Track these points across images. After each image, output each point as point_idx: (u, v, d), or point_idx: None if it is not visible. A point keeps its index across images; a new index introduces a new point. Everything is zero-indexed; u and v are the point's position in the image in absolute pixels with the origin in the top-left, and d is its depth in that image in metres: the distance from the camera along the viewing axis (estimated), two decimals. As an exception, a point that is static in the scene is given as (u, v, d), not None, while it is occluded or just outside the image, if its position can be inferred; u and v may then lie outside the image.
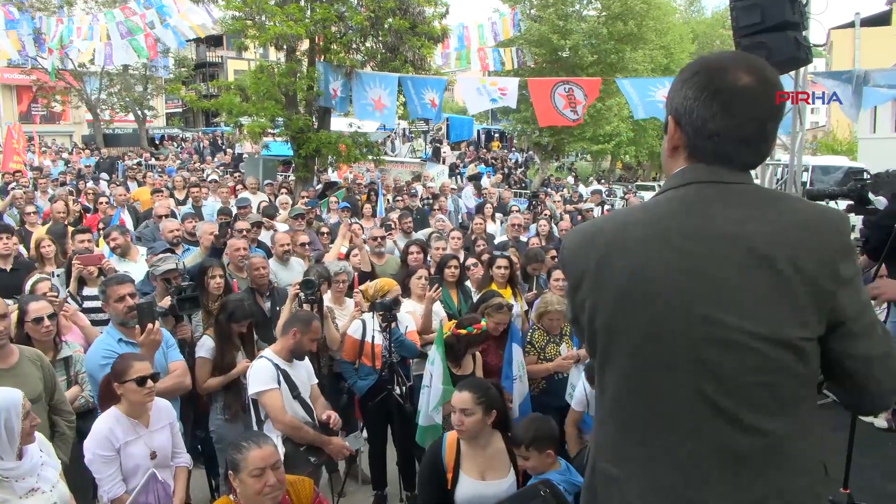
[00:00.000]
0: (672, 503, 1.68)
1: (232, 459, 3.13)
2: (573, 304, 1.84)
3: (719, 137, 1.69)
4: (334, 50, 15.37)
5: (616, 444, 1.79)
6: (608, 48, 26.96)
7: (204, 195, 11.63)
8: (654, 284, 1.66)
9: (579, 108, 12.38)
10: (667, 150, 1.83)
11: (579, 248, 1.81)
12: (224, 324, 5.13)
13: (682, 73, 1.78)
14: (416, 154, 30.17)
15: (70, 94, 34.21)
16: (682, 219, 1.69)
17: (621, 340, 1.73)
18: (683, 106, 1.73)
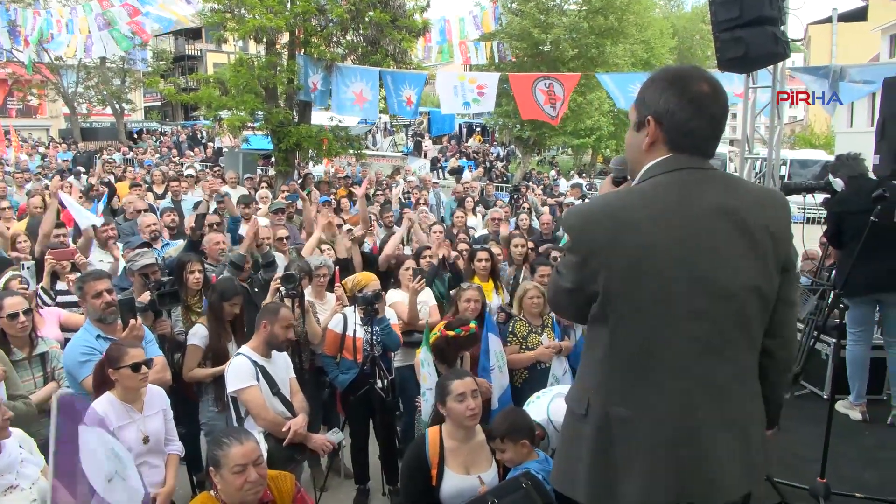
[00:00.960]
0: (673, 430, 2.11)
1: (213, 455, 3.12)
2: (581, 274, 2.17)
3: (695, 134, 2.17)
4: (314, 43, 15.28)
5: (625, 389, 2.16)
6: (589, 42, 27.02)
7: (183, 189, 11.53)
8: (661, 256, 2.07)
9: (558, 104, 12.41)
10: (644, 145, 2.23)
11: (588, 225, 2.15)
12: (217, 304, 5.16)
13: (657, 83, 2.21)
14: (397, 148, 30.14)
15: (46, 88, 33.76)
16: (678, 198, 2.11)
17: (633, 303, 2.10)
18: (665, 109, 2.17)
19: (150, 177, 14.01)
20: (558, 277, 2.28)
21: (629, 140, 2.33)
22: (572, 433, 2.33)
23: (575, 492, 2.26)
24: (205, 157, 26.59)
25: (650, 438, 2.12)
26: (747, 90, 7.74)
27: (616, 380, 2.18)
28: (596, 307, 2.17)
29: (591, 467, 2.20)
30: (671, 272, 2.07)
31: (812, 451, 4.94)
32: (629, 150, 2.34)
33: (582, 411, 2.25)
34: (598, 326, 2.20)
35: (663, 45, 32.26)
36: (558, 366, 5.62)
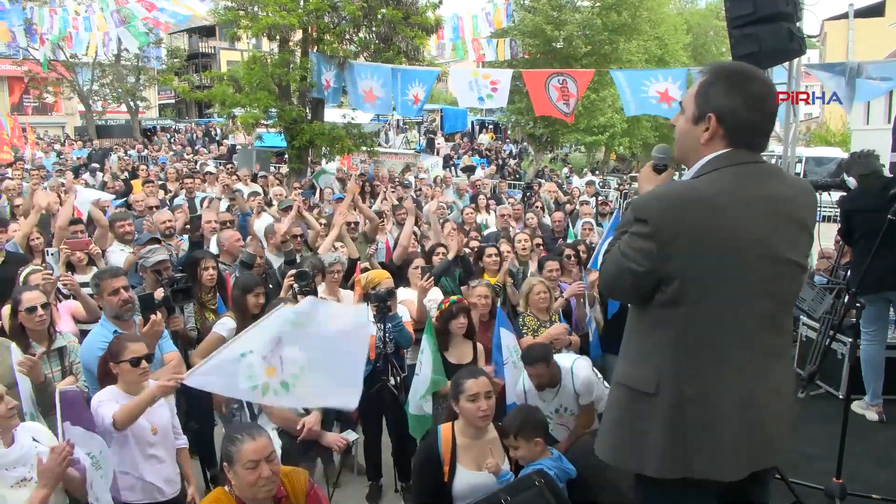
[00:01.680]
0: (741, 401, 2.31)
1: (226, 451, 3.13)
2: (658, 258, 2.29)
3: (753, 131, 2.39)
4: (327, 40, 15.31)
5: (701, 367, 2.32)
6: (602, 39, 26.92)
7: (197, 186, 11.59)
8: (745, 238, 2.28)
9: (572, 101, 12.34)
10: (703, 139, 2.41)
11: (675, 210, 2.29)
12: (240, 298, 5.19)
13: (721, 81, 2.39)
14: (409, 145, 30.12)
15: (62, 86, 33.99)
16: (751, 188, 2.32)
17: (716, 283, 2.28)
18: (727, 107, 2.35)
19: (164, 174, 14.09)
20: (625, 261, 2.37)
21: (684, 130, 2.49)
22: (634, 410, 2.42)
23: (641, 465, 2.39)
24: (218, 154, 26.69)
25: (724, 413, 2.30)
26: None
27: (692, 358, 2.32)
28: (671, 289, 2.30)
29: (664, 442, 2.33)
30: (753, 253, 2.29)
31: (827, 452, 4.91)
32: (682, 140, 2.50)
33: (650, 389, 2.36)
34: (671, 307, 2.32)
35: (677, 41, 32.05)
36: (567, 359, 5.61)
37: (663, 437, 2.33)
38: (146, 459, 3.87)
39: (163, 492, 3.93)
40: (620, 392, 2.50)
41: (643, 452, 2.37)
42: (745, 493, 2.46)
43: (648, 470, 2.36)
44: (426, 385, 4.99)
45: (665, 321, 2.35)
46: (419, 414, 5.05)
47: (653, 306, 2.37)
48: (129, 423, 3.67)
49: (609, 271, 2.48)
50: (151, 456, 3.90)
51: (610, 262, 2.49)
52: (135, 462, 3.84)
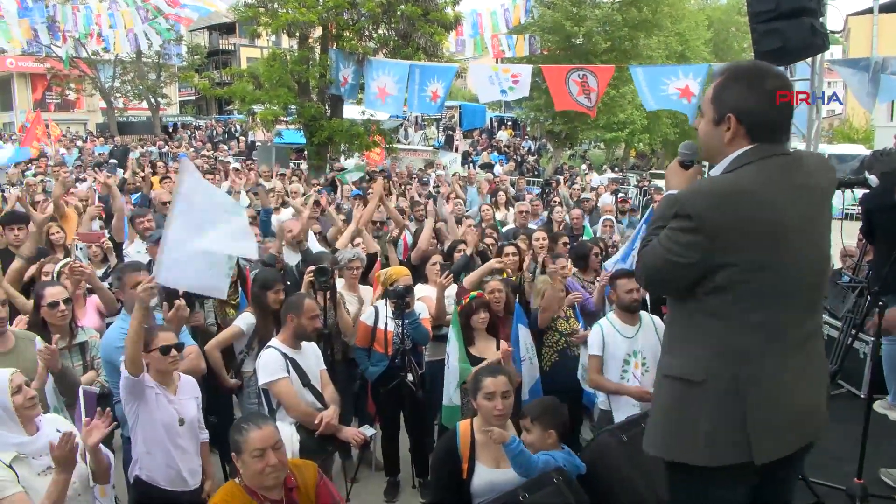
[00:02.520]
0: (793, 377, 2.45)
1: (234, 441, 3.19)
2: (705, 250, 2.37)
3: (773, 125, 2.49)
4: (346, 37, 15.35)
5: (753, 352, 2.41)
6: (622, 35, 26.74)
7: (217, 182, 11.64)
8: (792, 228, 2.40)
9: (593, 95, 12.24)
10: (726, 139, 2.51)
11: (715, 204, 2.37)
12: (260, 295, 5.24)
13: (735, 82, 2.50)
14: (428, 142, 30.14)
15: (84, 83, 34.33)
16: (784, 178, 2.43)
17: (766, 273, 2.38)
18: (745, 105, 2.46)
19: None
20: (669, 255, 2.44)
21: (706, 132, 2.59)
22: (685, 400, 2.49)
23: (693, 455, 2.44)
24: (238, 151, 26.84)
25: (779, 394, 2.42)
26: (784, 83, 7.60)
27: (742, 343, 2.42)
28: (719, 277, 2.39)
29: (719, 429, 2.41)
30: (799, 242, 2.42)
31: (849, 452, 4.86)
32: (707, 141, 2.61)
33: (700, 377, 2.44)
34: (717, 295, 2.41)
35: (698, 37, 31.77)
36: (587, 355, 5.60)
37: (717, 425, 2.41)
38: (174, 448, 3.96)
39: (186, 482, 4.01)
40: (668, 385, 2.56)
41: (695, 442, 2.43)
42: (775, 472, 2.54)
43: (700, 459, 2.43)
44: (456, 375, 5.04)
45: (711, 309, 2.44)
46: (450, 405, 5.14)
47: (698, 296, 2.45)
48: (137, 360, 3.79)
49: (652, 266, 2.54)
50: (179, 446, 3.99)
51: (650, 257, 2.54)
52: (164, 447, 3.93)
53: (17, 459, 3.17)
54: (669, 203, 2.51)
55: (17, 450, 3.19)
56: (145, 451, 3.95)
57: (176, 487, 3.97)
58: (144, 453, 3.95)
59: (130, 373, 3.79)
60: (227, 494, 3.18)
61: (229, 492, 3.20)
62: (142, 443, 3.96)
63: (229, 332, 5.27)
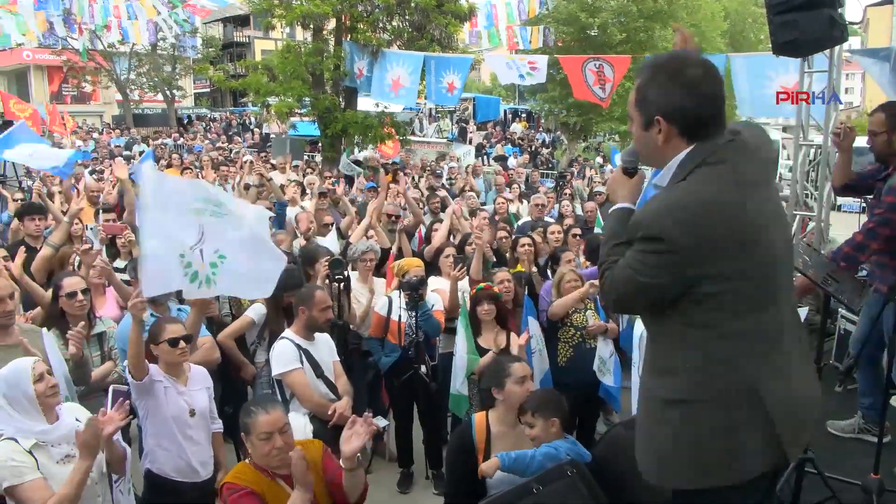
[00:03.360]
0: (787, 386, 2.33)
1: (243, 423, 3.26)
2: (681, 268, 2.24)
3: (706, 118, 2.32)
4: (361, 29, 15.34)
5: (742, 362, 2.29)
6: (637, 26, 26.55)
7: (232, 175, 11.69)
8: (764, 231, 2.30)
9: (608, 86, 12.17)
10: (659, 141, 2.36)
11: (684, 221, 2.22)
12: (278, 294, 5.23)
13: (656, 79, 2.34)
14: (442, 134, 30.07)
15: (100, 75, 34.51)
16: (743, 176, 2.29)
17: (744, 278, 2.26)
18: (671, 104, 2.30)
19: (199, 162, 14.23)
20: (641, 277, 2.29)
21: (640, 137, 2.45)
22: (673, 421, 2.34)
23: (718, 477, 2.30)
24: (252, 142, 26.91)
25: (784, 398, 2.31)
26: (802, 75, 7.53)
27: (732, 356, 2.30)
28: (698, 292, 2.26)
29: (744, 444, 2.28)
30: (768, 238, 2.31)
31: (864, 446, 4.83)
32: (644, 147, 2.47)
33: (688, 396, 2.32)
34: (700, 310, 2.28)
35: (714, 28, 31.51)
36: (604, 347, 5.61)
37: (716, 443, 2.29)
38: (185, 439, 4.00)
39: (197, 472, 4.05)
40: (653, 406, 2.43)
41: (695, 463, 2.31)
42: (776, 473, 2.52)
43: (706, 481, 2.30)
44: (464, 366, 5.07)
45: (695, 325, 2.30)
46: (457, 394, 5.20)
47: (678, 312, 2.32)
48: (139, 365, 3.85)
49: (622, 289, 2.38)
50: (189, 437, 4.03)
51: (619, 278, 2.38)
52: (174, 439, 3.97)
53: (36, 447, 3.22)
54: (632, 225, 2.34)
55: (37, 437, 3.24)
56: (156, 444, 4.00)
57: (187, 478, 4.02)
58: (155, 446, 4.00)
59: (134, 377, 3.86)
60: (240, 472, 3.26)
61: (241, 470, 3.28)
62: (152, 436, 4.01)
63: (240, 323, 5.31)
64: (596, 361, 5.53)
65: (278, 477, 3.23)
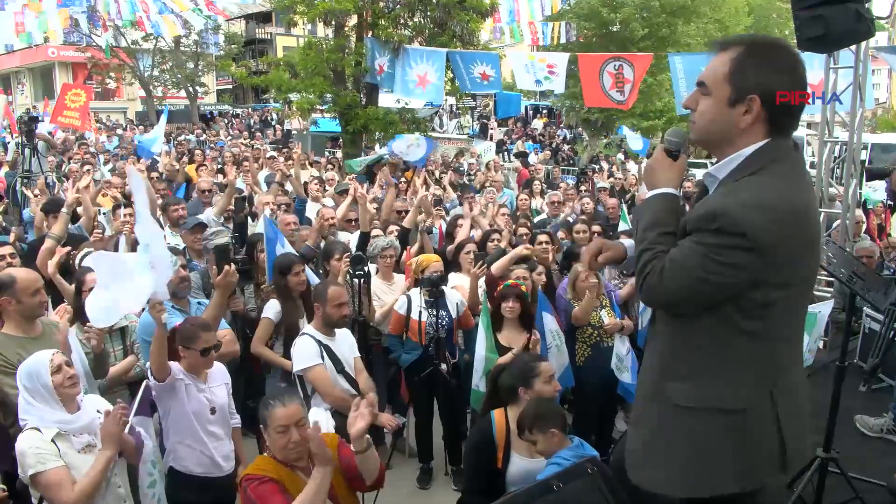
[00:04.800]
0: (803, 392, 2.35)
1: (262, 415, 3.28)
2: (756, 268, 2.09)
3: (797, 113, 2.16)
4: (382, 25, 15.35)
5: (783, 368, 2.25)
6: (660, 21, 26.33)
7: (254, 171, 11.73)
8: (816, 240, 2.25)
9: (627, 87, 12.03)
10: (742, 124, 2.15)
11: (772, 222, 2.07)
12: (280, 281, 5.30)
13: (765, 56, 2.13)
14: (463, 130, 30.07)
15: (123, 72, 34.81)
16: (806, 183, 2.24)
17: (798, 287, 2.21)
18: (777, 85, 2.09)
19: (221, 158, 14.31)
20: (705, 272, 2.12)
21: (715, 114, 2.20)
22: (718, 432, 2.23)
23: (721, 487, 2.24)
24: (274, 139, 27.06)
25: (801, 397, 2.32)
26: (828, 71, 7.44)
27: (779, 358, 2.25)
28: (754, 297, 2.13)
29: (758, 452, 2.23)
30: (817, 254, 2.30)
31: (890, 447, 4.77)
32: (711, 125, 2.23)
33: (743, 405, 2.21)
34: (750, 316, 2.16)
35: (738, 23, 31.17)
36: (621, 345, 5.61)
37: (764, 446, 2.23)
38: (207, 435, 4.05)
39: (220, 467, 4.10)
40: (698, 417, 2.25)
41: (738, 470, 2.22)
42: None
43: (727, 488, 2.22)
44: (482, 364, 5.08)
45: (751, 328, 2.17)
46: (477, 390, 5.21)
47: (730, 315, 2.17)
48: (162, 368, 3.87)
49: (677, 284, 2.17)
50: (210, 432, 4.07)
51: (676, 274, 2.17)
52: (196, 436, 4.02)
53: (58, 436, 3.28)
54: (708, 215, 2.13)
55: (59, 426, 3.30)
56: (178, 441, 4.05)
57: (211, 473, 4.06)
58: (177, 443, 4.05)
59: (157, 378, 3.89)
60: (259, 464, 3.28)
61: (260, 462, 3.30)
62: (174, 433, 4.05)
63: (264, 328, 5.31)
64: (613, 359, 5.52)
65: (297, 469, 3.25)
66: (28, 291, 4.08)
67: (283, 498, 3.07)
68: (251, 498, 3.07)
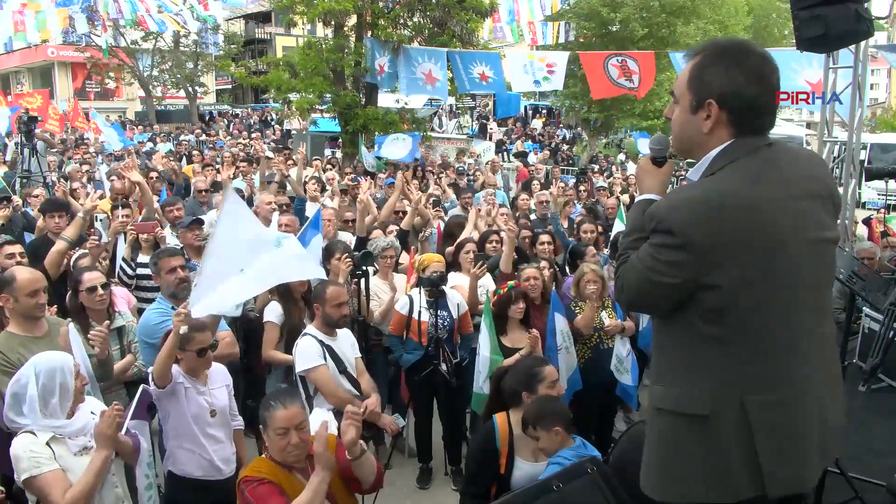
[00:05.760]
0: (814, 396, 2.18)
1: (262, 416, 3.26)
2: (695, 267, 2.10)
3: (761, 111, 2.19)
4: (382, 25, 15.36)
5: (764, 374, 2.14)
6: (660, 21, 26.32)
7: (253, 170, 11.72)
8: (786, 232, 2.12)
9: (635, 77, 11.99)
10: (705, 128, 2.21)
11: (700, 217, 2.09)
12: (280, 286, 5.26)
13: (716, 60, 2.18)
14: (462, 130, 30.08)
15: (123, 71, 34.79)
16: (772, 176, 2.15)
17: (766, 285, 2.11)
18: (728, 88, 2.15)
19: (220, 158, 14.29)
20: (651, 273, 2.17)
21: (682, 121, 2.28)
22: (687, 435, 2.21)
23: (697, 495, 2.19)
24: (273, 139, 27.04)
25: (802, 417, 2.16)
26: (827, 71, 7.44)
27: (753, 366, 2.15)
28: (714, 297, 2.12)
29: (726, 465, 2.14)
30: (792, 244, 2.13)
31: (890, 447, 4.76)
32: (682, 132, 2.30)
33: (705, 411, 2.16)
34: (716, 316, 2.13)
35: (738, 23, 31.16)
36: (622, 346, 5.61)
37: (726, 460, 2.14)
38: (206, 438, 4.01)
39: (220, 470, 4.05)
40: (665, 419, 2.27)
41: (701, 480, 2.18)
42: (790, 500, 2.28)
43: (706, 497, 2.17)
44: (486, 366, 5.07)
45: (711, 332, 2.15)
46: (480, 392, 5.19)
47: (692, 318, 2.17)
48: (165, 374, 3.85)
49: (632, 285, 2.25)
50: (210, 435, 4.03)
51: (630, 274, 2.26)
52: (195, 439, 3.98)
53: (53, 439, 3.26)
54: (647, 216, 2.20)
55: (55, 431, 3.27)
56: (177, 445, 4.01)
57: (210, 476, 4.02)
58: (176, 447, 4.01)
59: (158, 385, 3.86)
60: (257, 466, 3.27)
61: (258, 464, 3.29)
62: (173, 437, 4.02)
63: (270, 333, 5.29)
64: (613, 361, 5.51)
65: (295, 470, 3.25)
66: (25, 291, 4.05)
67: (280, 500, 3.06)
68: (249, 499, 3.06)
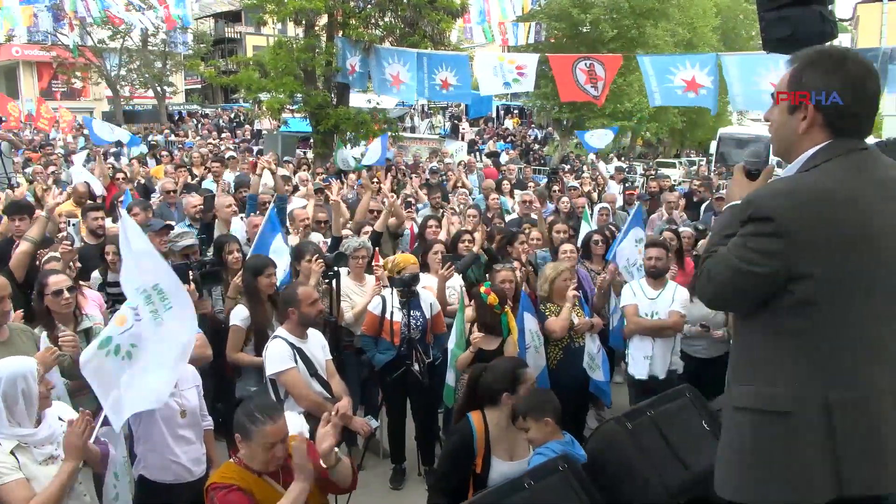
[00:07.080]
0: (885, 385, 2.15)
1: (244, 427, 3.20)
2: (787, 258, 2.11)
3: (857, 117, 2.23)
4: (353, 25, 15.30)
5: (849, 370, 2.14)
6: (629, 23, 26.54)
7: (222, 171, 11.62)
8: (876, 229, 2.12)
9: (600, 84, 12.12)
10: (801, 128, 2.24)
11: (799, 206, 2.12)
12: (251, 282, 5.25)
13: (816, 65, 2.23)
14: (434, 130, 30.08)
15: (90, 71, 34.26)
16: (868, 175, 2.18)
17: (853, 279, 2.12)
18: (821, 90, 2.18)
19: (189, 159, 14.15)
20: (743, 264, 2.17)
21: (780, 122, 2.33)
22: (768, 434, 2.20)
23: (771, 495, 2.19)
24: (242, 139, 26.83)
25: (879, 415, 2.14)
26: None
27: (837, 363, 2.15)
28: (802, 289, 2.13)
29: (808, 464, 2.14)
30: (887, 242, 2.13)
31: None
32: (779, 132, 2.35)
33: (787, 408, 2.16)
34: (802, 310, 2.15)
35: (706, 24, 31.53)
36: (592, 343, 5.66)
37: (808, 459, 2.14)
38: (175, 440, 3.96)
39: (191, 472, 4.01)
40: (744, 417, 2.26)
41: (783, 480, 2.16)
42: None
43: (789, 498, 2.16)
44: (451, 358, 5.23)
45: (796, 325, 2.17)
46: (450, 385, 5.32)
47: (776, 313, 2.18)
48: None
49: (722, 279, 2.24)
50: (180, 437, 3.99)
51: (719, 268, 2.25)
52: (165, 442, 3.92)
53: (18, 447, 3.18)
54: (745, 202, 2.23)
55: (20, 440, 3.19)
56: (148, 449, 3.95)
57: (181, 479, 3.97)
58: (147, 451, 3.95)
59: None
60: (225, 472, 3.24)
61: (226, 470, 3.26)
62: (143, 441, 3.96)
63: (235, 335, 5.24)
64: (585, 358, 5.56)
65: (265, 475, 3.22)
66: None
67: None
68: None
